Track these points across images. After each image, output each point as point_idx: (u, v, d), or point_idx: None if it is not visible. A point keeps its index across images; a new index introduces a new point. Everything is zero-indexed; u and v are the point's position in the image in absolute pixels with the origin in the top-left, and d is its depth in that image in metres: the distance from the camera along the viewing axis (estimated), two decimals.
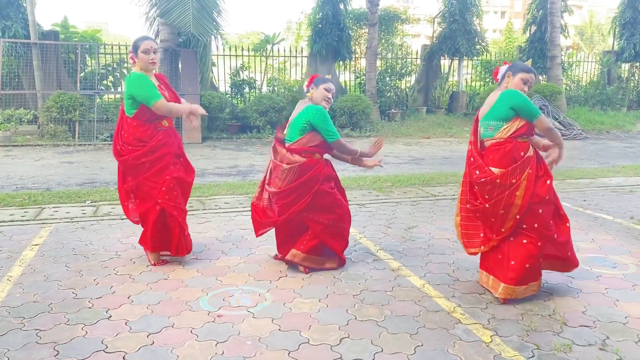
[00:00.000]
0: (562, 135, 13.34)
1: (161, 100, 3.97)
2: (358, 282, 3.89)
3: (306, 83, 4.23)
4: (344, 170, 8.81)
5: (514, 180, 3.45)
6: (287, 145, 4.03)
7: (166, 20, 11.92)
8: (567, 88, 18.56)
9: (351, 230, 5.19)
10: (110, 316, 3.31)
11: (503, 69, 3.71)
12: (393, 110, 15.85)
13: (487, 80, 17.98)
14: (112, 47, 14.54)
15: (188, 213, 5.79)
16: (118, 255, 4.46)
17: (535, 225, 3.48)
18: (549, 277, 4.00)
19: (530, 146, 3.55)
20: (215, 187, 7.16)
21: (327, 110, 4.11)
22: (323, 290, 3.74)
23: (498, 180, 3.47)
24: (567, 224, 3.69)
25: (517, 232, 3.53)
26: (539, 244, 3.49)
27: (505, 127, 3.50)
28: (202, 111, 4.15)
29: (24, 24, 12.41)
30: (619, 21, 18.79)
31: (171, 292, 3.69)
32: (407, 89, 17.19)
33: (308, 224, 4.03)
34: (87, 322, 3.23)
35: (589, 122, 15.48)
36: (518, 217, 3.47)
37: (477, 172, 3.57)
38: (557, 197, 3.68)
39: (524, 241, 3.50)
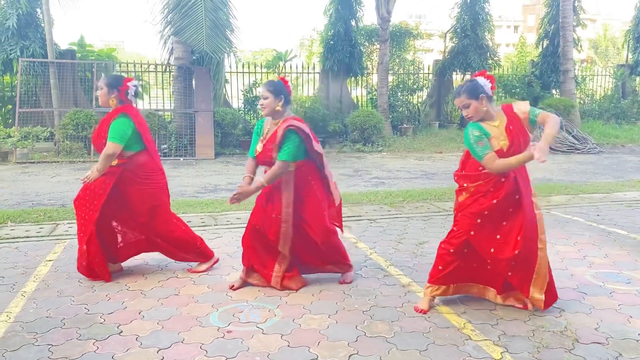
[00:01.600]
0: (576, 149, 13.28)
1: None
2: (368, 298, 3.89)
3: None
4: (355, 186, 8.84)
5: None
6: None
7: (180, 39, 12.11)
8: (581, 102, 18.46)
9: (361, 245, 5.23)
10: (121, 331, 3.34)
11: None
12: (405, 125, 15.87)
13: (500, 94, 17.95)
14: (127, 65, 14.78)
15: (201, 228, 5.89)
16: (130, 271, 4.51)
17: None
18: (561, 293, 3.96)
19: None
20: (227, 203, 7.18)
21: (265, 114, 4.01)
22: (332, 306, 3.74)
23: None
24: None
25: None
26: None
27: None
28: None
29: (41, 43, 12.68)
30: (632, 34, 18.71)
31: (182, 308, 3.71)
32: (419, 104, 17.21)
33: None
34: (99, 337, 3.26)
35: (604, 136, 15.36)
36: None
37: None
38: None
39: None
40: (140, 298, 3.91)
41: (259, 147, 4.01)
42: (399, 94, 16.65)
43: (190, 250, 4.44)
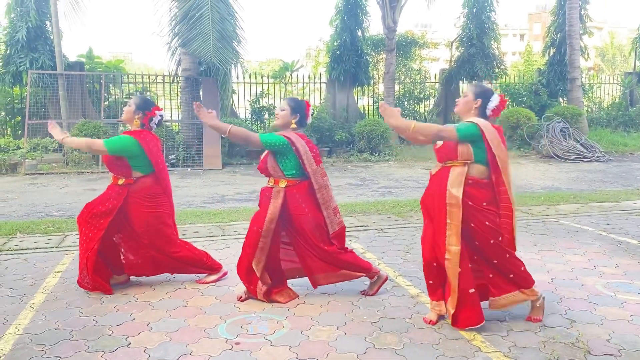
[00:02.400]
0: (585, 157, 13.22)
1: None
2: (377, 309, 3.86)
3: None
4: (362, 196, 8.83)
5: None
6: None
7: (187, 50, 12.19)
8: (589, 110, 18.39)
9: (369, 256, 5.21)
10: (130, 343, 3.34)
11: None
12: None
13: (507, 103, 17.90)
14: (135, 77, 14.89)
15: (208, 239, 5.89)
16: (138, 282, 4.51)
17: None
18: (572, 304, 3.93)
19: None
20: (234, 213, 7.21)
21: (277, 124, 4.09)
22: (341, 317, 3.72)
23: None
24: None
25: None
26: None
27: None
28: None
29: (51, 55, 12.81)
30: (639, 42, 18.65)
31: (190, 320, 3.71)
32: (425, 113, 17.21)
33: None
34: (107, 349, 3.26)
35: (612, 144, 15.27)
36: None
37: None
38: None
39: None
40: (149, 310, 3.90)
41: (263, 155, 4.06)
42: (406, 103, 16.66)
43: (197, 265, 4.45)
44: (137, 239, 4.34)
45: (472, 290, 3.46)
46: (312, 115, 13.42)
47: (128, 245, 4.41)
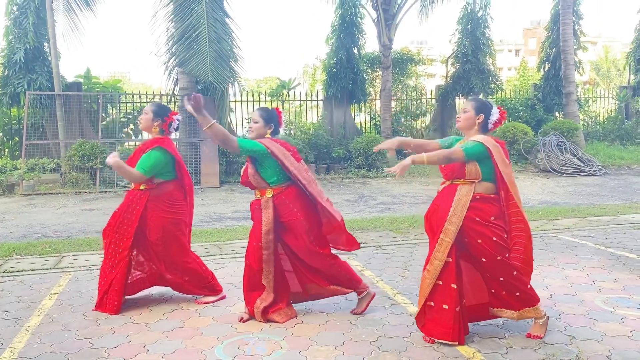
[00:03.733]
0: (582, 171, 13.24)
1: None
2: (375, 328, 3.83)
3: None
4: (360, 212, 8.81)
5: None
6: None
7: (185, 70, 12.26)
8: (585, 124, 18.48)
9: (368, 273, 5.19)
10: None
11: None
12: (409, 151, 15.85)
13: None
14: (132, 97, 14.95)
15: (206, 258, 5.86)
16: (135, 303, 4.47)
17: None
18: (571, 320, 3.90)
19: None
20: (232, 232, 7.19)
21: (252, 137, 4.07)
22: (339, 337, 3.69)
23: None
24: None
25: None
26: None
27: None
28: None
29: (48, 76, 12.86)
30: (634, 56, 18.82)
31: (187, 341, 3.67)
32: (422, 129, 17.28)
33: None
34: None
35: (609, 158, 15.32)
36: None
37: None
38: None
39: None
40: (145, 331, 3.87)
41: (242, 169, 4.08)
42: (402, 119, 16.73)
43: (201, 284, 4.43)
44: (149, 250, 4.33)
45: (458, 308, 3.46)
46: (309, 132, 13.33)
47: (137, 261, 4.41)
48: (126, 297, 4.45)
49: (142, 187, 4.24)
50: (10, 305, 4.47)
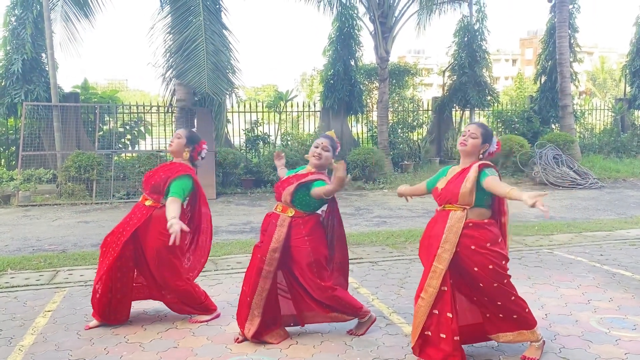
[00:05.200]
0: (578, 184, 13.27)
1: None
2: (370, 350, 3.83)
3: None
4: (356, 226, 8.81)
5: None
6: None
7: (182, 81, 12.29)
8: (581, 136, 18.55)
9: (363, 291, 5.18)
10: None
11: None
12: (406, 162, 15.92)
13: (500, 130, 18.08)
14: (129, 107, 14.96)
15: (201, 274, 5.81)
16: (129, 322, 4.45)
17: None
18: (566, 341, 3.90)
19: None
20: (228, 246, 7.18)
21: (317, 164, 3.99)
22: (334, 359, 3.68)
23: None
24: None
25: None
26: None
27: None
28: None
29: (46, 87, 12.86)
30: (629, 69, 18.92)
31: None
32: (419, 141, 17.31)
33: None
34: None
35: (605, 170, 15.36)
36: None
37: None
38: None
39: None
40: (139, 351, 3.85)
41: (286, 176, 4.09)
42: (399, 131, 16.77)
43: (194, 303, 4.42)
44: (144, 268, 4.39)
45: (456, 337, 3.45)
46: (306, 143, 13.25)
47: (142, 272, 4.47)
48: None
49: (147, 203, 4.25)
50: (4, 323, 4.45)
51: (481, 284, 3.47)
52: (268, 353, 3.79)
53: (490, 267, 3.44)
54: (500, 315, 3.54)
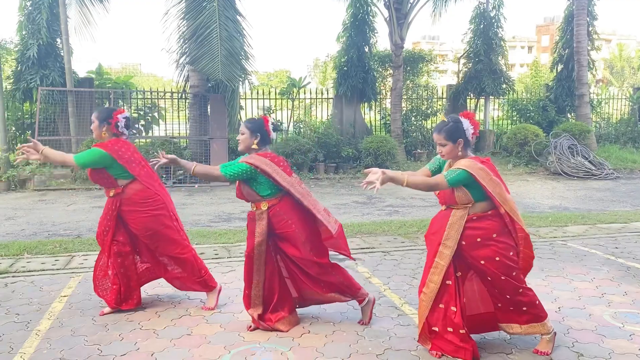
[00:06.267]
0: (593, 175, 13.13)
1: None
2: (382, 340, 3.84)
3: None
4: (368, 215, 8.81)
5: None
6: None
7: (196, 68, 12.29)
8: (597, 126, 18.31)
9: (375, 281, 5.19)
10: None
11: None
12: (419, 151, 15.85)
13: (515, 118, 17.89)
14: (143, 93, 15.01)
15: (214, 261, 5.90)
16: (143, 308, 4.51)
17: None
18: (579, 335, 3.88)
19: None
20: (240, 233, 7.20)
21: (241, 149, 4.08)
22: (346, 349, 3.70)
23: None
24: None
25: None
26: None
27: None
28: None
29: (61, 72, 12.95)
30: None
31: (194, 349, 3.70)
32: (432, 129, 17.21)
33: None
34: None
35: (621, 161, 15.18)
36: None
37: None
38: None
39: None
40: (153, 338, 3.90)
41: (237, 183, 4.09)
42: (413, 119, 16.67)
43: (194, 277, 4.47)
44: (143, 249, 4.48)
45: (463, 330, 3.47)
46: (319, 131, 13.21)
47: (143, 253, 4.55)
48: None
49: (111, 194, 4.33)
50: (21, 307, 4.52)
51: (489, 277, 3.46)
52: (280, 341, 3.82)
53: (497, 259, 3.42)
54: (511, 308, 3.54)
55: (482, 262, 3.43)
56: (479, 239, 3.42)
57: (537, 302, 3.58)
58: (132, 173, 4.30)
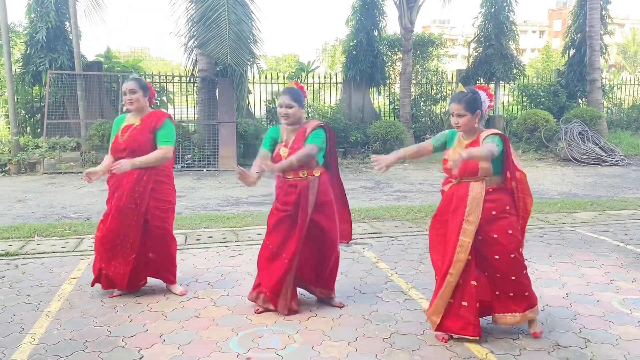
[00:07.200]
0: (603, 161, 13.01)
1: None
2: (388, 324, 3.85)
3: None
4: (376, 200, 8.80)
5: None
6: None
7: (204, 52, 12.25)
8: (608, 111, 18.12)
9: (382, 266, 5.19)
10: (142, 356, 3.37)
11: None
12: (428, 136, 15.74)
13: (525, 104, 17.72)
14: (152, 77, 15.00)
15: (222, 244, 5.92)
16: (152, 290, 4.54)
17: None
18: (586, 321, 3.88)
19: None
20: (248, 217, 7.23)
21: (285, 125, 4.01)
22: (352, 332, 3.72)
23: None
24: None
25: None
26: None
27: None
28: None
29: (69, 55, 12.96)
30: None
31: (202, 332, 3.73)
32: (442, 114, 17.08)
33: None
34: None
35: (632, 147, 15.03)
36: None
37: None
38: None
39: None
40: (162, 320, 3.93)
41: (282, 152, 3.97)
42: (422, 104, 16.56)
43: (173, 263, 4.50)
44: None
45: (477, 304, 3.47)
46: (327, 115, 13.22)
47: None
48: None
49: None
50: (32, 289, 4.57)
51: (497, 256, 3.43)
52: (288, 325, 3.84)
53: (510, 232, 3.42)
54: (511, 294, 3.51)
55: (495, 235, 3.41)
56: (494, 212, 3.41)
57: (531, 284, 3.61)
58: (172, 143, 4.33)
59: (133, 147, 4.23)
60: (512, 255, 3.43)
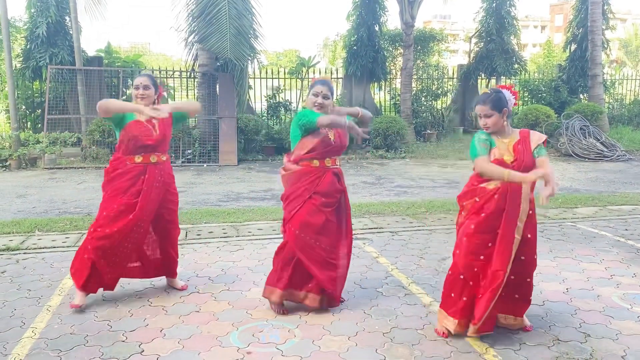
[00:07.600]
0: (605, 156, 12.98)
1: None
2: (389, 319, 3.85)
3: None
4: (377, 195, 8.79)
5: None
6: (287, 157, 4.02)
7: (204, 47, 12.23)
8: (610, 107, 18.09)
9: (382, 261, 5.19)
10: (143, 350, 3.38)
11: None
12: (429, 131, 15.75)
13: (526, 99, 17.70)
14: (152, 72, 14.98)
15: (223, 239, 5.93)
16: (152, 285, 4.55)
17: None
18: (586, 316, 3.88)
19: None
20: (249, 213, 7.23)
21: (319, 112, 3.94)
22: (353, 327, 3.72)
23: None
24: None
25: None
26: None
27: None
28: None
29: (70, 50, 12.95)
30: None
31: (202, 326, 3.73)
32: (443, 110, 17.08)
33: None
34: (121, 356, 3.30)
35: (633, 143, 15.01)
36: None
37: None
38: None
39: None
40: (162, 315, 3.94)
41: (331, 135, 3.90)
42: (423, 99, 16.54)
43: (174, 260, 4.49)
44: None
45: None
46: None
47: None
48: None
49: (154, 160, 4.28)
50: (32, 283, 4.58)
51: (523, 257, 3.42)
52: (288, 319, 3.84)
53: (535, 230, 3.47)
54: (517, 295, 3.51)
55: (529, 235, 3.43)
56: (530, 211, 3.43)
57: None
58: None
59: (167, 135, 4.31)
60: (535, 256, 3.48)
